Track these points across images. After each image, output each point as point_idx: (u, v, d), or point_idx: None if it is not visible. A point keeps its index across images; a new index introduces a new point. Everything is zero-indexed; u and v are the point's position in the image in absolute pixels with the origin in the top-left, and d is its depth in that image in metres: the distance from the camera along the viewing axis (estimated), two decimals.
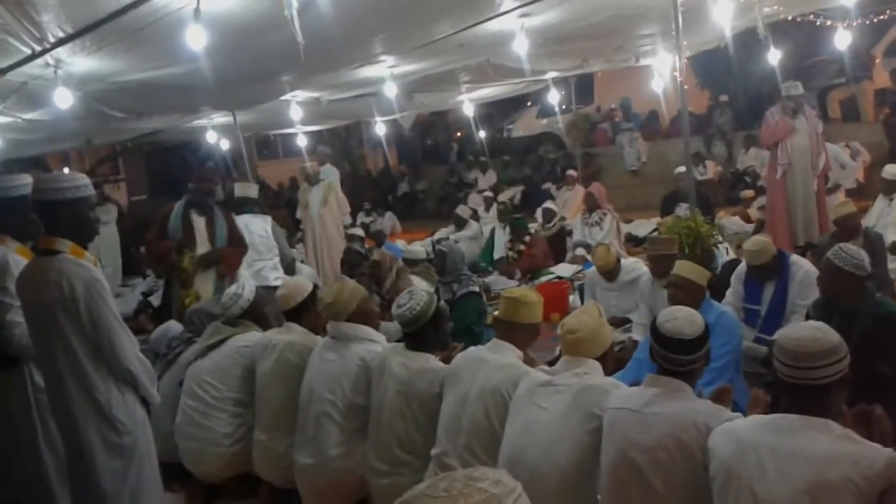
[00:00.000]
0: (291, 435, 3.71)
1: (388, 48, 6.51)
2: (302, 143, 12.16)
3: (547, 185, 14.51)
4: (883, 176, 7.51)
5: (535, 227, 9.38)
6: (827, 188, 8.07)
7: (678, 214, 7.59)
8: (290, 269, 6.87)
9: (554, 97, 11.14)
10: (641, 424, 2.46)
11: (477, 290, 5.67)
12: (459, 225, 10.82)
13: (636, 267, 5.80)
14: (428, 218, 15.90)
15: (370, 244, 9.16)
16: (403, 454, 3.28)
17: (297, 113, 9.10)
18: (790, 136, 7.37)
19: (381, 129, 12.83)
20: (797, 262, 4.82)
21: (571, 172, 12.51)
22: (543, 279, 7.89)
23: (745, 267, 4.90)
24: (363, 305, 3.75)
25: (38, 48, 4.45)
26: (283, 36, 4.19)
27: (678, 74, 6.35)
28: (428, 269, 6.64)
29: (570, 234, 9.18)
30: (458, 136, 19.59)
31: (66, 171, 10.76)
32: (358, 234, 9.04)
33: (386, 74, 7.54)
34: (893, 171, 7.45)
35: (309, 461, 3.55)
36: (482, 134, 14.75)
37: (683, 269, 4.17)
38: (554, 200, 11.02)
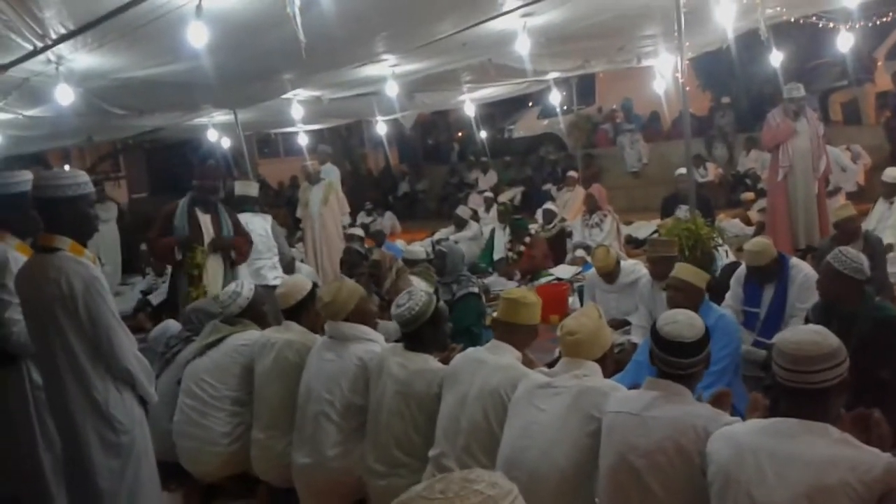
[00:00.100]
0: (289, 434, 3.70)
1: (389, 47, 6.50)
2: (303, 141, 12.16)
3: (547, 186, 14.49)
4: (883, 179, 7.52)
5: (535, 228, 9.38)
6: (827, 191, 8.07)
7: (678, 216, 7.59)
8: (289, 268, 6.87)
9: (555, 98, 11.14)
10: (640, 428, 2.45)
11: (476, 291, 5.66)
12: (459, 225, 10.82)
13: (636, 269, 5.79)
14: (428, 218, 15.90)
15: (370, 244, 9.15)
16: (402, 455, 3.28)
17: (298, 111, 9.10)
18: (791, 138, 7.37)
19: (382, 128, 12.83)
20: (797, 265, 4.82)
21: (572, 173, 12.49)
22: (543, 280, 7.89)
23: (744, 270, 4.90)
24: (361, 305, 3.75)
25: (39, 44, 4.45)
26: (284, 34, 4.18)
27: (680, 76, 6.34)
28: (427, 269, 6.63)
29: (570, 235, 9.16)
30: (459, 136, 19.59)
31: (66, 168, 10.73)
32: (357, 233, 9.04)
33: (387, 73, 7.53)
34: (894, 174, 7.46)
35: (307, 461, 3.55)
36: (483, 134, 14.75)
37: (682, 271, 4.17)
38: (554, 201, 11.01)
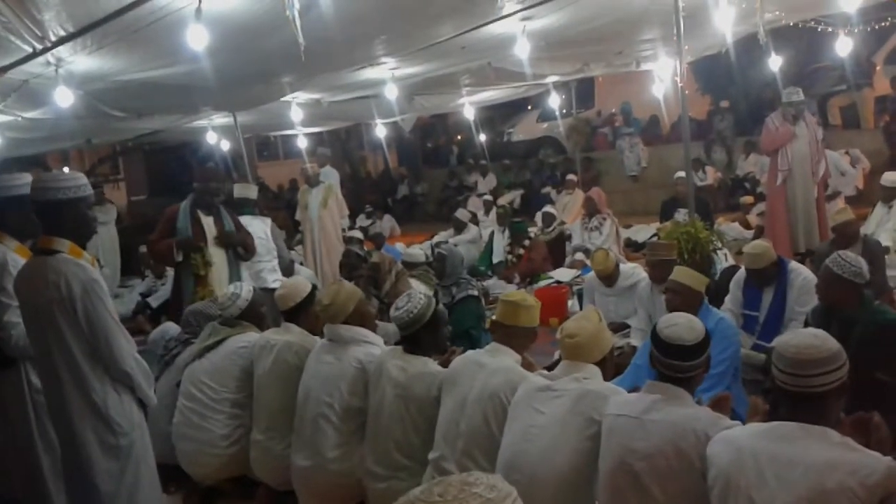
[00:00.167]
0: (289, 435, 3.70)
1: (389, 50, 6.51)
2: (302, 144, 12.16)
3: (547, 189, 14.50)
4: (882, 183, 7.53)
5: (534, 231, 9.38)
6: (826, 195, 8.07)
7: (677, 220, 7.59)
8: (287, 271, 6.86)
9: (554, 101, 11.15)
10: (640, 431, 2.45)
11: (476, 293, 5.66)
12: (459, 228, 10.82)
13: (635, 272, 5.80)
14: (427, 221, 15.91)
15: (369, 247, 9.14)
16: (401, 458, 3.27)
17: (297, 114, 9.11)
18: (790, 142, 7.38)
19: (381, 131, 12.83)
20: (796, 268, 4.82)
21: (571, 177, 12.50)
22: (542, 283, 7.88)
23: (744, 273, 4.90)
24: (360, 307, 3.75)
25: (39, 47, 4.46)
26: (284, 37, 4.19)
27: (679, 79, 6.34)
28: (427, 272, 6.63)
29: (569, 238, 9.17)
30: (458, 139, 19.60)
31: (65, 170, 10.73)
32: (356, 236, 9.03)
33: (387, 76, 7.55)
34: (893, 178, 7.47)
35: (306, 463, 3.54)
36: (482, 137, 14.74)
37: (681, 274, 4.16)
38: (553, 205, 11.02)
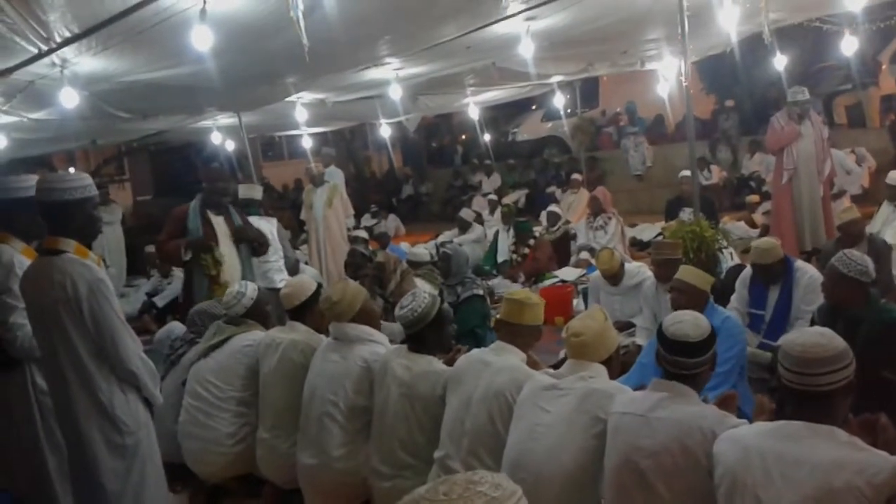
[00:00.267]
0: (294, 434, 3.71)
1: (393, 50, 6.51)
2: (307, 144, 12.16)
3: (551, 188, 14.48)
4: (888, 182, 7.49)
5: (539, 230, 9.38)
6: (832, 194, 8.05)
7: (682, 219, 7.58)
8: (293, 270, 6.87)
9: (559, 101, 11.14)
10: (646, 429, 2.44)
11: (481, 293, 5.66)
12: (463, 228, 10.83)
13: (640, 271, 5.79)
14: (432, 220, 15.91)
15: (374, 246, 9.15)
16: (406, 457, 3.27)
17: (302, 114, 9.12)
18: (796, 141, 7.36)
19: (386, 131, 12.83)
20: (802, 267, 4.81)
21: (576, 176, 12.46)
22: (547, 283, 7.88)
23: (749, 272, 4.89)
24: (366, 306, 3.75)
25: (44, 48, 4.47)
26: (288, 37, 4.19)
27: (684, 79, 6.33)
28: (432, 271, 6.63)
29: (574, 237, 9.15)
30: (462, 138, 19.61)
31: (71, 170, 10.75)
32: (361, 236, 9.04)
33: (391, 77, 7.54)
34: None
35: (312, 461, 3.54)
36: (487, 137, 14.74)
37: (686, 273, 4.16)
38: (558, 204, 11.00)
